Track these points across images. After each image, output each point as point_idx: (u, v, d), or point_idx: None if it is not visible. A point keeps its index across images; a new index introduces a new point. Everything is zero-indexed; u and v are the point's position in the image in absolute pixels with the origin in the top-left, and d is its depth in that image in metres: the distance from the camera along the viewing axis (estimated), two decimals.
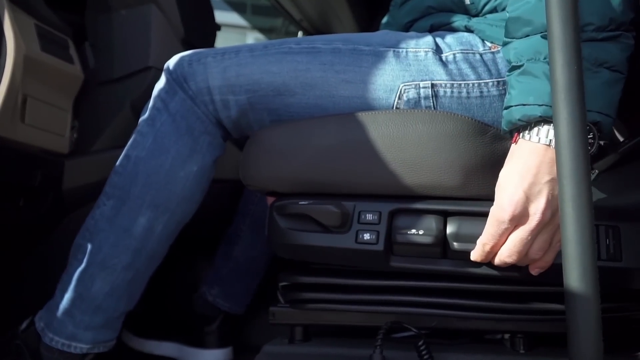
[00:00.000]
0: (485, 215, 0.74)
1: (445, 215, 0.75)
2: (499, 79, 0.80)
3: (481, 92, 0.80)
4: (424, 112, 0.78)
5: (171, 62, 0.91)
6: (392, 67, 0.81)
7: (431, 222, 0.75)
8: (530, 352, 0.80)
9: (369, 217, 0.76)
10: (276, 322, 0.87)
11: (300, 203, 0.78)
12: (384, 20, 1.14)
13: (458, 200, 0.76)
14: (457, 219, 0.74)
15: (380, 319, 0.84)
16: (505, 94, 0.79)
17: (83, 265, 0.93)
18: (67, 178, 1.08)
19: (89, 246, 0.93)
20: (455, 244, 0.73)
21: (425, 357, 0.75)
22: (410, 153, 0.75)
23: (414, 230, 0.74)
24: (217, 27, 1.39)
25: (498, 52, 0.81)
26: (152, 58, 1.07)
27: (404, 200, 0.76)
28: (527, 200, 0.64)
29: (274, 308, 0.87)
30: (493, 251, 0.68)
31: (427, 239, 0.73)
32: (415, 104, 0.81)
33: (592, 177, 0.79)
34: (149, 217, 0.91)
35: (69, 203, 1.11)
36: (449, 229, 0.74)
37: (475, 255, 0.70)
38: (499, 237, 0.67)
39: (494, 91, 0.80)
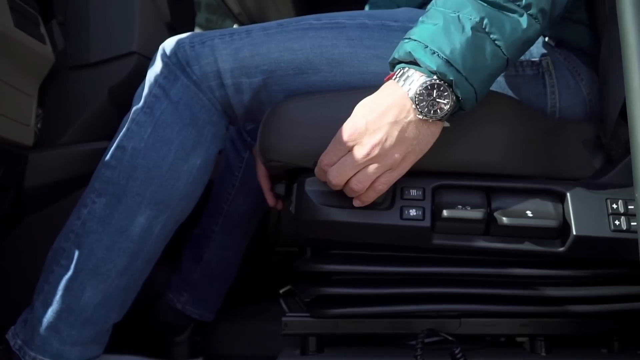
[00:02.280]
0: (527, 191, 0.74)
1: (487, 192, 0.75)
2: (533, 59, 0.81)
3: (516, 71, 0.81)
4: None
5: (167, 46, 0.83)
6: None
7: (475, 198, 0.74)
8: (550, 354, 0.81)
9: (413, 192, 0.73)
10: (290, 332, 0.83)
11: None
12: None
13: (498, 177, 0.75)
14: (501, 195, 0.74)
15: (400, 327, 0.83)
16: (539, 74, 0.80)
17: (70, 273, 0.82)
18: (30, 174, 0.95)
19: (77, 250, 0.82)
20: (504, 219, 0.72)
21: None
22: (451, 129, 0.74)
23: (459, 206, 0.73)
24: (195, 12, 1.31)
25: None
26: (137, 43, 0.97)
27: (445, 177, 0.75)
28: (365, 131, 0.67)
29: (286, 318, 0.83)
30: (324, 170, 0.71)
31: (475, 214, 0.72)
32: None
33: None
34: (148, 215, 0.82)
35: (31, 203, 0.97)
36: (494, 205, 0.73)
37: (316, 171, 0.73)
38: (334, 157, 0.70)
39: (528, 71, 0.81)
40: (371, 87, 0.79)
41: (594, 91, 0.82)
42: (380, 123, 0.66)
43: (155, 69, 0.83)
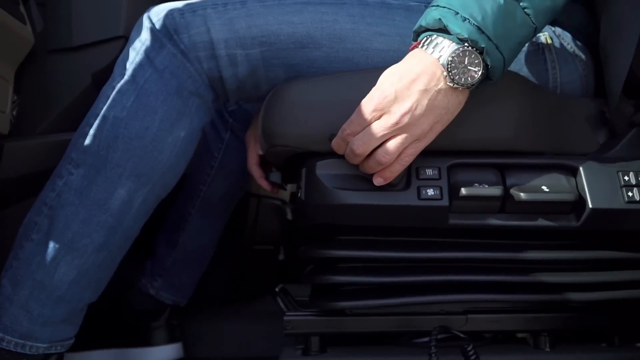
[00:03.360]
0: (539, 167, 0.74)
1: (500, 169, 0.74)
2: None
3: None
4: None
5: (154, 13, 0.79)
6: None
7: (490, 175, 0.74)
8: (554, 349, 0.81)
9: (429, 172, 0.72)
10: (292, 332, 0.80)
11: None
12: None
13: (508, 154, 0.75)
14: (514, 172, 0.74)
15: (406, 324, 0.81)
16: (539, 50, 0.81)
17: (42, 247, 0.78)
18: (5, 165, 0.88)
19: (51, 224, 0.78)
20: (522, 194, 0.71)
21: None
22: (464, 106, 0.73)
23: (476, 184, 0.72)
24: None
25: None
26: (124, 26, 0.91)
27: (458, 155, 0.74)
28: (395, 100, 0.66)
29: (289, 317, 0.80)
30: (346, 140, 0.69)
31: (493, 191, 0.71)
32: None
33: None
34: (128, 188, 0.79)
35: (6, 196, 0.90)
36: (509, 181, 0.73)
37: (335, 142, 0.71)
38: (358, 126, 0.68)
39: (529, 47, 0.81)
40: (377, 67, 0.78)
41: (588, 68, 0.83)
42: (410, 91, 0.65)
43: (139, 36, 0.80)
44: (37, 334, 0.78)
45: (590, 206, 0.71)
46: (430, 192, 0.71)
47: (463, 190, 0.71)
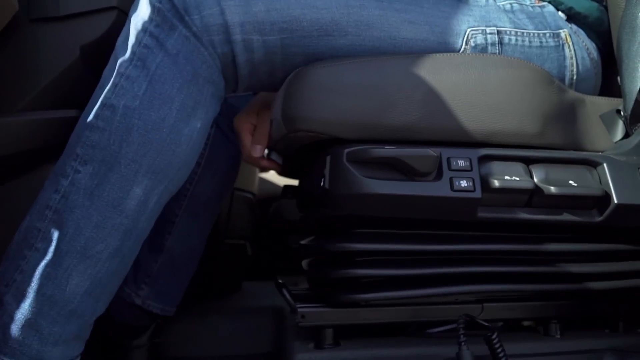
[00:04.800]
0: (565, 161, 0.75)
1: (526, 162, 0.74)
2: (555, 31, 0.82)
3: (540, 42, 0.81)
4: (501, 58, 0.76)
5: None
6: (455, 11, 0.78)
7: (518, 168, 0.73)
8: (564, 336, 0.82)
9: (461, 163, 0.70)
10: (307, 324, 0.76)
11: (387, 148, 0.69)
12: None
13: (535, 149, 0.75)
14: (542, 166, 0.74)
15: (423, 314, 0.80)
16: (560, 46, 0.81)
17: (50, 257, 0.69)
18: None
19: (58, 230, 0.70)
20: (552, 188, 0.71)
21: (499, 350, 0.71)
22: (494, 98, 0.72)
23: (507, 177, 0.71)
24: None
25: (543, 6, 0.83)
26: None
27: (488, 147, 0.73)
28: None
29: (303, 309, 0.76)
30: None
31: (526, 184, 0.71)
32: (482, 50, 0.78)
33: None
34: (145, 186, 0.72)
35: None
36: (538, 175, 0.73)
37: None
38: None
39: (551, 42, 0.82)
40: (405, 53, 0.76)
41: (598, 66, 0.85)
42: None
43: (141, 14, 0.73)
44: (47, 355, 0.70)
45: (616, 201, 0.72)
46: (464, 183, 0.69)
47: (496, 182, 0.70)
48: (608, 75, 0.91)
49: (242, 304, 1.26)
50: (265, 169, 0.93)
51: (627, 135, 0.80)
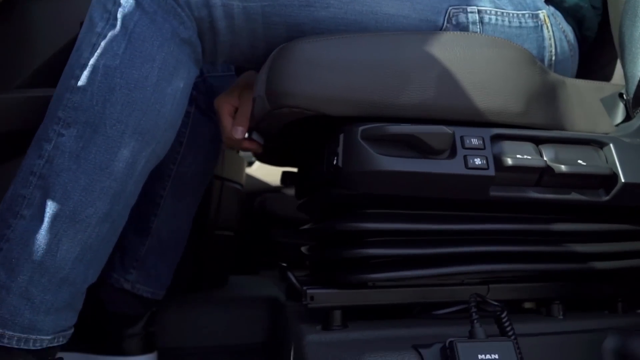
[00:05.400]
0: (572, 141, 0.76)
1: (535, 142, 0.75)
2: (534, 12, 0.84)
3: (520, 22, 0.82)
4: (485, 37, 0.77)
5: None
6: None
7: (529, 147, 0.74)
8: (567, 317, 0.83)
9: (475, 141, 0.70)
10: (316, 306, 0.76)
11: (402, 125, 0.68)
12: None
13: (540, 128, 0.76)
14: (551, 146, 0.75)
15: (432, 295, 0.80)
16: (539, 27, 0.83)
17: (37, 223, 0.68)
18: None
19: (45, 196, 0.68)
20: (562, 167, 0.72)
21: (508, 328, 0.72)
22: (480, 76, 0.73)
23: (518, 155, 0.71)
24: None
25: None
26: None
27: (499, 127, 0.73)
28: None
29: (311, 290, 0.75)
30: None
31: (538, 162, 0.72)
32: (463, 28, 0.79)
33: None
34: (132, 148, 0.71)
35: None
36: (548, 155, 0.73)
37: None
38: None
39: (530, 23, 0.83)
40: (387, 29, 0.76)
41: (574, 49, 0.88)
42: None
43: None
44: (40, 324, 0.68)
45: (623, 180, 0.73)
46: (478, 161, 0.69)
47: (509, 160, 0.70)
48: (583, 60, 0.94)
49: (235, 294, 1.24)
50: (245, 150, 0.91)
51: (628, 118, 0.82)
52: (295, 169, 1.06)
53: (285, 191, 1.96)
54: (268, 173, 1.99)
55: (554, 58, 0.85)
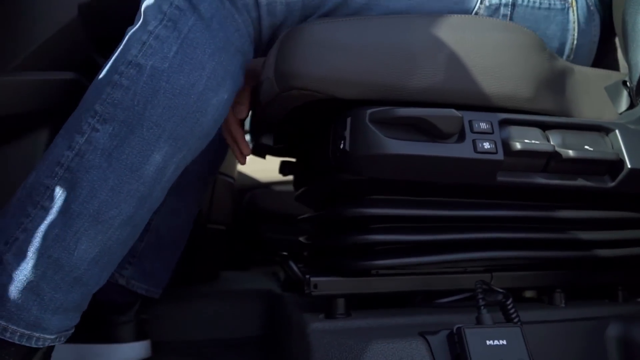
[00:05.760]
0: (579, 127, 0.76)
1: (542, 127, 0.74)
2: None
3: (549, 4, 0.82)
4: (496, 22, 0.76)
5: None
6: None
7: (536, 133, 0.73)
8: (568, 305, 0.83)
9: (483, 126, 0.70)
10: (319, 294, 0.74)
11: (411, 108, 0.67)
12: None
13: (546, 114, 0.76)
14: (557, 131, 0.74)
15: (436, 283, 0.80)
16: (565, 9, 0.82)
17: (59, 218, 0.65)
18: None
19: (70, 190, 0.66)
20: (570, 152, 0.72)
21: (513, 315, 0.72)
22: (490, 61, 0.72)
23: (526, 140, 0.71)
24: None
25: None
26: None
27: (505, 112, 0.73)
28: None
29: (315, 278, 0.74)
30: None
31: (546, 147, 0.71)
32: (495, 10, 0.79)
33: None
34: (165, 153, 0.69)
35: None
36: (555, 140, 0.73)
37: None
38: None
39: (558, 5, 0.83)
40: (423, 13, 0.75)
41: (597, 35, 0.87)
42: None
43: None
44: (46, 323, 0.65)
45: (629, 166, 0.73)
46: (487, 145, 0.69)
47: (517, 145, 0.70)
48: (602, 48, 0.93)
49: (228, 287, 1.22)
50: (239, 142, 0.90)
51: (631, 106, 0.82)
52: (292, 160, 1.05)
53: (275, 187, 1.94)
54: (258, 169, 1.97)
55: (575, 42, 0.85)
